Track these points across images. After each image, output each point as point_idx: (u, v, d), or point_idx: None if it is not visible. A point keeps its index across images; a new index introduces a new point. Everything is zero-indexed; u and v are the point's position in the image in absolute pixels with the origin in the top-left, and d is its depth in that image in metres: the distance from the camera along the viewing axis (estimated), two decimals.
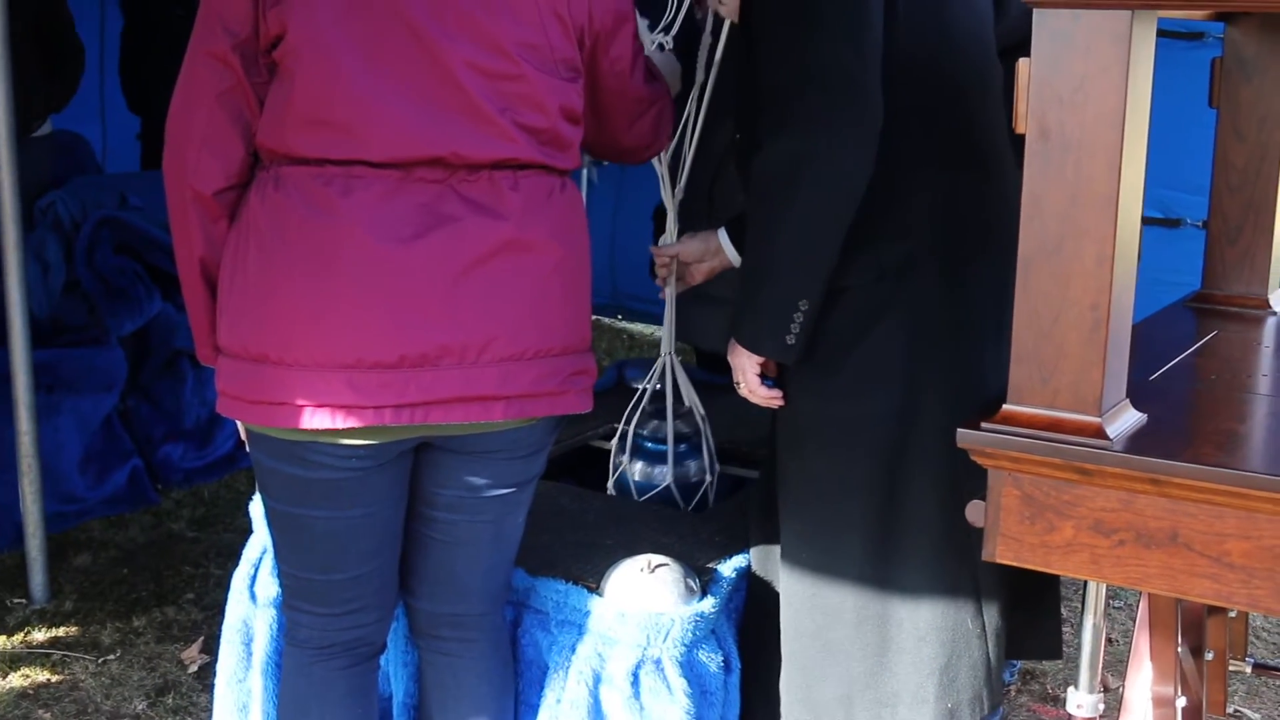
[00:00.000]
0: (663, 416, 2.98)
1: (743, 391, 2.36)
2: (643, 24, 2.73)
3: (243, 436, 2.23)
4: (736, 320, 2.29)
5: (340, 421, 2.02)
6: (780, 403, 2.35)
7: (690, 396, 2.96)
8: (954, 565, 2.28)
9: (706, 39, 2.74)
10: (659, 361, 2.99)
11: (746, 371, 2.32)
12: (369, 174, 2.03)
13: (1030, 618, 2.49)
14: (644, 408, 2.97)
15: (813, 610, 2.32)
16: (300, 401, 2.02)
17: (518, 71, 2.09)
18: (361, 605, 2.23)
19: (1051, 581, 2.50)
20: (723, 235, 2.60)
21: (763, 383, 2.34)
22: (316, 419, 2.02)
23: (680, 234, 2.82)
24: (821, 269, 2.19)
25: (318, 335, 2.01)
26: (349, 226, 2.01)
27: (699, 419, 2.96)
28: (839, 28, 2.12)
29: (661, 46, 2.74)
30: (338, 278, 2.01)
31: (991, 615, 2.32)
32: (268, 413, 2.06)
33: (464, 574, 2.29)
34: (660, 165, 2.83)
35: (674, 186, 2.87)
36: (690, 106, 2.78)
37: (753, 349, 2.28)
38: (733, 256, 2.57)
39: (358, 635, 2.25)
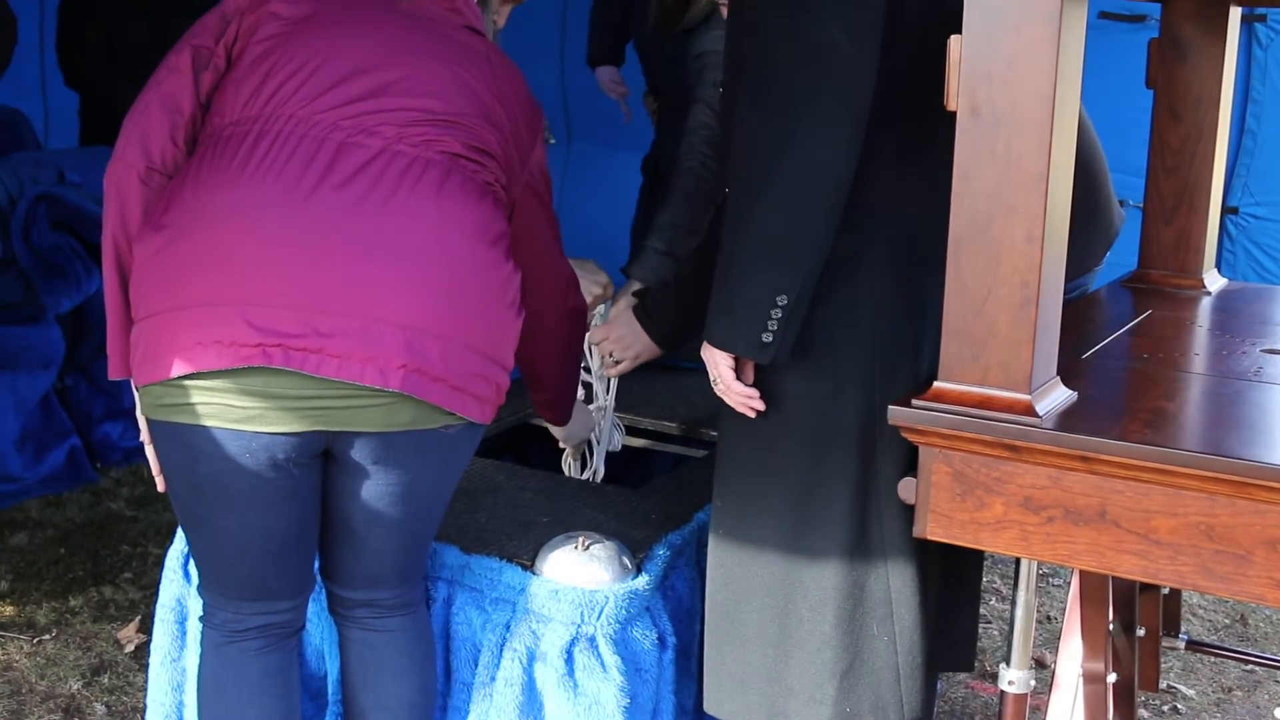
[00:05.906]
0: None
1: (718, 390, 2.20)
2: (611, 69, 2.76)
3: (144, 437, 2.20)
4: (709, 315, 2.14)
5: (228, 360, 1.98)
6: (759, 405, 2.16)
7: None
8: (864, 570, 2.19)
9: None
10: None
11: (719, 367, 2.15)
12: (299, 131, 2.08)
13: (947, 631, 2.39)
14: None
15: (725, 586, 2.29)
16: (190, 340, 2.00)
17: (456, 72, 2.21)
18: (272, 596, 2.23)
19: (972, 597, 2.45)
20: (629, 313, 2.61)
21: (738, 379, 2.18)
22: (206, 357, 1.98)
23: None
24: (803, 262, 2.03)
25: (217, 276, 2.01)
26: (267, 178, 2.04)
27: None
28: (837, 4, 1.97)
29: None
30: (246, 224, 2.02)
31: (903, 624, 2.22)
32: (170, 361, 2.01)
33: (379, 572, 2.28)
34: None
35: None
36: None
37: (724, 347, 2.11)
38: (647, 339, 2.63)
39: (272, 620, 2.24)
